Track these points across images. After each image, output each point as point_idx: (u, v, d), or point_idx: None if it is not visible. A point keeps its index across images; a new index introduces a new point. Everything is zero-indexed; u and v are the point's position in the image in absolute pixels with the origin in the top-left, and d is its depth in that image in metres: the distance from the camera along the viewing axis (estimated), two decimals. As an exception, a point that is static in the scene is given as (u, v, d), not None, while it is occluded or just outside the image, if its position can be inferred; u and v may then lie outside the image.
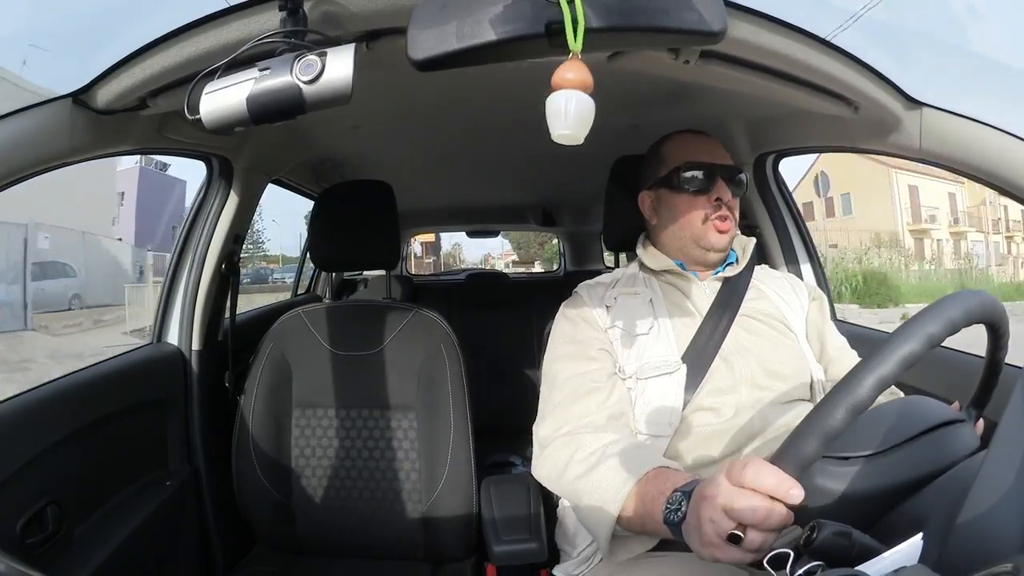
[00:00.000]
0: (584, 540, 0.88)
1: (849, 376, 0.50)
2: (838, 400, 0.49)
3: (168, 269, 1.25)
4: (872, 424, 0.60)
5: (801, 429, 0.51)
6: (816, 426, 0.50)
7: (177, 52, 0.68)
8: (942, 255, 20.21)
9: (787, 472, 0.50)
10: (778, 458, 0.52)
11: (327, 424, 1.20)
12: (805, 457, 0.50)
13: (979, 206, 21.34)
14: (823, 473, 0.57)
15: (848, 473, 0.57)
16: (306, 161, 1.59)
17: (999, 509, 0.43)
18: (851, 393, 0.49)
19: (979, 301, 0.54)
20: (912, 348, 0.49)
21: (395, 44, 0.67)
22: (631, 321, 0.91)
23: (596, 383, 0.86)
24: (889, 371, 0.49)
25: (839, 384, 0.50)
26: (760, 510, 0.50)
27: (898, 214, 20.64)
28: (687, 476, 0.66)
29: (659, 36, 0.55)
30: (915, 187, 20.78)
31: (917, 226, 21.02)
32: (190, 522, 1.15)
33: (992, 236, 21.64)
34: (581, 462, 0.77)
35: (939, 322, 0.50)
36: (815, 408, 0.51)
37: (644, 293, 0.94)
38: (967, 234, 21.75)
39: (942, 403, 0.67)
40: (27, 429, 0.83)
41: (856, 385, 0.49)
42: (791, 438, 0.52)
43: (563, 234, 3.11)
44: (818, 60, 0.76)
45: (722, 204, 0.92)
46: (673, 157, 0.96)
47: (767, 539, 0.50)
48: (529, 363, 2.26)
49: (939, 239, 21.37)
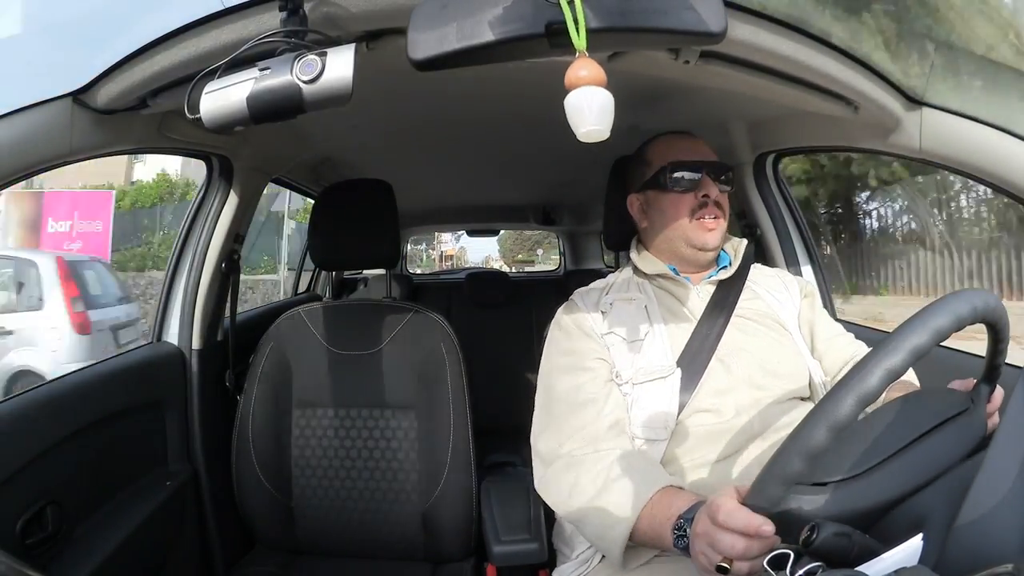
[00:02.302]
0: (583, 543, 0.88)
1: (830, 393, 0.50)
2: (819, 419, 0.50)
3: (168, 268, 1.25)
4: (854, 441, 0.58)
5: (784, 446, 0.52)
6: (797, 444, 0.51)
7: (177, 52, 0.68)
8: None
9: (770, 492, 0.53)
10: (759, 482, 0.54)
11: (327, 424, 1.20)
12: (788, 475, 0.52)
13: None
14: (800, 502, 0.55)
15: (822, 500, 0.55)
16: (306, 160, 1.59)
17: (999, 509, 0.44)
18: (831, 412, 0.49)
19: (984, 300, 0.54)
20: (920, 340, 0.49)
21: (395, 44, 0.67)
22: (626, 327, 0.91)
23: (592, 394, 0.86)
24: (894, 367, 0.49)
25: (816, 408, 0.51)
26: (737, 546, 0.55)
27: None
28: (690, 499, 0.69)
29: (659, 36, 0.55)
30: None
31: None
32: (190, 522, 1.15)
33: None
34: (587, 486, 0.78)
35: (947, 316, 0.50)
36: (820, 402, 0.51)
37: (639, 299, 0.94)
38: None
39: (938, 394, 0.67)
40: (27, 429, 0.82)
41: (836, 403, 0.49)
42: (774, 457, 0.53)
43: (563, 233, 3.11)
44: (818, 60, 0.76)
45: (709, 201, 0.92)
46: (657, 158, 0.96)
47: (754, 565, 0.55)
48: (529, 363, 2.24)
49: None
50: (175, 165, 10.39)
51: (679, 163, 0.93)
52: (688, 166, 0.93)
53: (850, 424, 0.49)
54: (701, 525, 0.60)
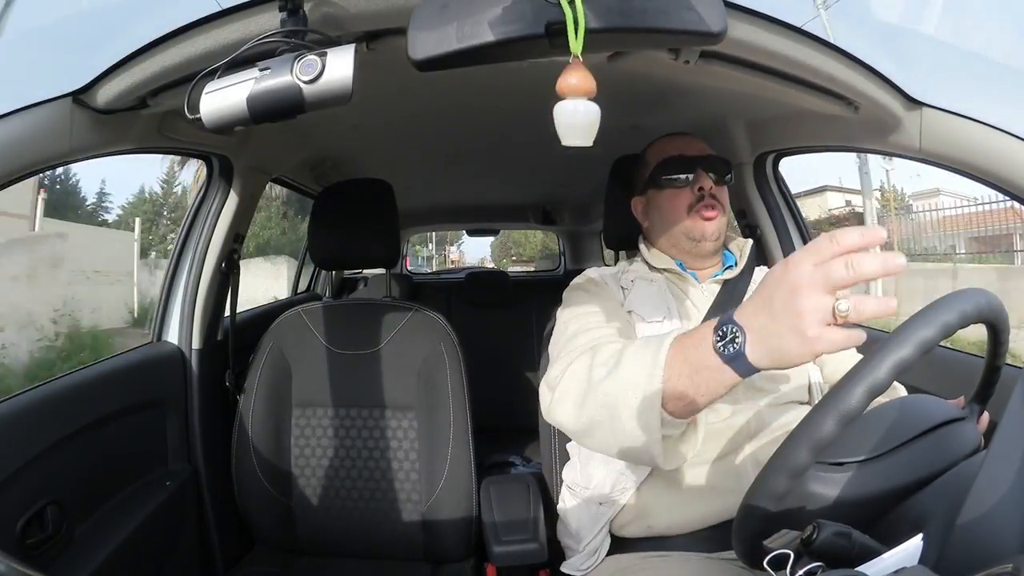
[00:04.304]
0: (589, 533, 0.88)
1: (839, 384, 0.50)
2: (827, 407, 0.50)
3: (168, 268, 1.24)
4: (868, 427, 0.59)
5: (793, 434, 0.52)
6: (805, 434, 0.50)
7: (177, 52, 0.69)
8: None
9: (776, 481, 0.51)
10: (766, 471, 0.53)
11: (327, 423, 1.20)
12: (795, 465, 0.51)
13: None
14: (816, 479, 0.56)
15: (842, 479, 0.56)
16: (306, 160, 1.59)
17: (999, 509, 0.44)
18: (841, 400, 0.49)
19: (987, 299, 0.54)
20: (905, 353, 0.49)
21: (395, 44, 0.67)
22: (647, 305, 0.91)
23: (612, 337, 0.79)
24: (903, 359, 0.49)
25: (828, 393, 0.51)
26: (864, 263, 0.45)
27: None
28: (714, 322, 0.57)
29: (659, 36, 0.55)
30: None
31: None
32: (190, 522, 1.15)
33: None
34: (602, 365, 0.68)
35: (934, 326, 0.50)
36: (831, 390, 0.51)
37: (658, 281, 0.95)
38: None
39: (941, 400, 0.67)
40: (27, 429, 0.82)
41: (846, 394, 0.49)
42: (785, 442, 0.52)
43: (563, 233, 3.11)
44: (818, 60, 0.76)
45: (705, 195, 0.93)
46: (654, 158, 0.98)
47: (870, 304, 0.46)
48: (529, 363, 2.26)
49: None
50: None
51: (672, 159, 0.95)
52: (681, 161, 0.94)
53: (859, 415, 0.49)
54: (794, 270, 0.48)
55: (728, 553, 0.76)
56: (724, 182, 0.96)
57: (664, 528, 0.83)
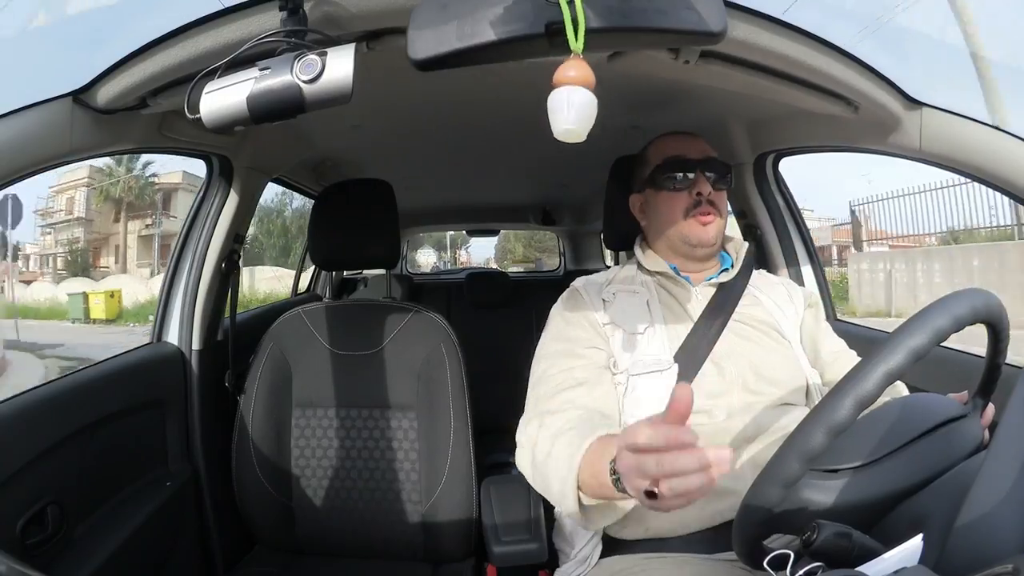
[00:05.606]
0: (582, 540, 0.88)
1: (828, 396, 0.50)
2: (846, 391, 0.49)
3: (168, 268, 1.25)
4: (865, 432, 0.59)
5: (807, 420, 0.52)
6: (795, 447, 0.51)
7: (177, 52, 0.68)
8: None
9: (769, 493, 0.52)
10: (758, 483, 0.53)
11: (327, 424, 1.20)
12: (786, 477, 0.51)
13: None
14: (811, 487, 0.56)
15: (837, 486, 0.56)
16: (306, 160, 1.59)
17: (999, 509, 0.44)
18: (858, 385, 0.49)
19: (983, 300, 0.54)
20: (920, 341, 0.49)
21: (395, 44, 0.67)
22: (628, 318, 0.91)
23: (582, 379, 0.86)
24: (893, 369, 0.49)
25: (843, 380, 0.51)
26: (664, 463, 0.48)
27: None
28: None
29: (659, 36, 0.55)
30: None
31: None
32: (190, 522, 1.15)
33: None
34: (545, 441, 0.78)
35: (946, 316, 0.50)
36: (820, 402, 0.51)
37: (642, 292, 0.95)
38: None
39: (941, 398, 0.67)
40: (27, 429, 0.82)
41: (834, 406, 0.49)
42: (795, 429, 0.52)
43: (563, 233, 3.11)
44: (818, 60, 0.76)
45: (703, 199, 0.92)
46: (654, 157, 0.97)
47: (687, 482, 0.48)
48: (529, 363, 2.24)
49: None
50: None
51: (673, 160, 0.94)
52: (682, 163, 0.94)
53: (848, 427, 0.49)
54: (624, 460, 0.54)
55: (726, 554, 0.76)
56: (723, 186, 0.95)
57: (662, 530, 0.83)
